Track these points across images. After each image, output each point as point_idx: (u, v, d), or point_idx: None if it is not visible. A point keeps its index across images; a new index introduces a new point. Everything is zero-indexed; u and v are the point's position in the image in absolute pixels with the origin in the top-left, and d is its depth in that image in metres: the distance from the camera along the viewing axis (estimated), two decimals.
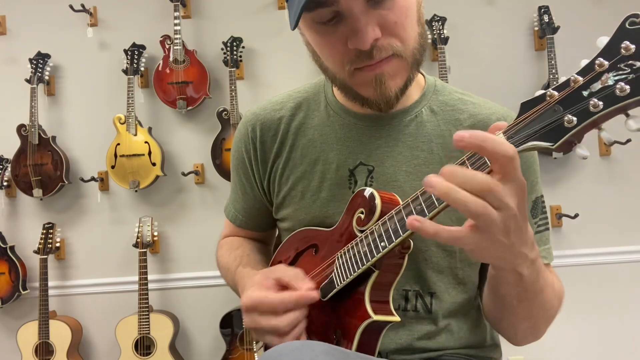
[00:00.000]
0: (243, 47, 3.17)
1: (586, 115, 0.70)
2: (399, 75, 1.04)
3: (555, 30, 3.06)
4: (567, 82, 0.72)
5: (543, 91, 0.75)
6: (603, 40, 0.70)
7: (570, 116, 0.71)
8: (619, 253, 3.12)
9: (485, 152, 0.72)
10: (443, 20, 3.11)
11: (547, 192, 1.18)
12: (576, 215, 3.05)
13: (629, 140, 2.77)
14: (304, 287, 1.03)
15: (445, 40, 3.09)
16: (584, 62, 0.71)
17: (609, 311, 3.10)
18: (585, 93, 0.70)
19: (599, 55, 0.70)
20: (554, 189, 3.11)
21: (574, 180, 3.14)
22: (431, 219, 0.84)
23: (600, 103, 0.68)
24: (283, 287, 1.06)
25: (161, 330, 3.04)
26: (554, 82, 2.96)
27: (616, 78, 0.67)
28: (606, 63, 0.68)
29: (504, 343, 1.25)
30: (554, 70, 3.01)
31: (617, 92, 0.67)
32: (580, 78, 0.70)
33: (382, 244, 0.95)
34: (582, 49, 3.02)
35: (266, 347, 1.23)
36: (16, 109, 3.25)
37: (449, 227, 0.78)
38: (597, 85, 0.69)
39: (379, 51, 0.98)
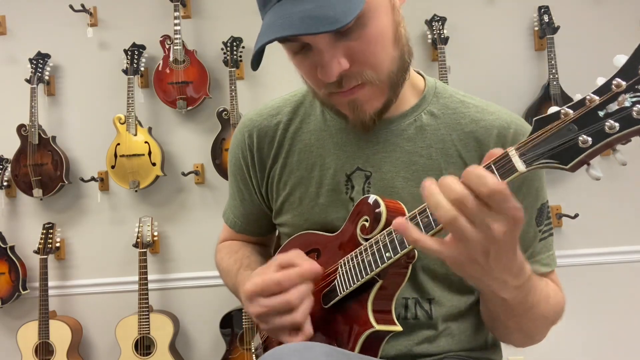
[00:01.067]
0: (243, 47, 3.17)
1: (602, 136, 0.69)
2: (375, 99, 1.03)
3: (555, 30, 3.06)
4: (582, 101, 0.71)
5: (557, 108, 0.73)
6: (621, 60, 0.68)
7: (585, 136, 0.70)
8: (619, 253, 3.12)
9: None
10: (443, 20, 3.11)
11: (548, 192, 1.17)
12: (576, 215, 3.06)
13: (628, 141, 2.76)
14: (307, 263, 1.02)
15: (445, 40, 3.08)
16: (601, 81, 0.70)
17: (609, 311, 3.11)
18: (601, 113, 0.69)
19: (616, 75, 0.68)
20: (554, 189, 3.11)
21: (574, 180, 3.13)
22: (439, 231, 0.84)
23: (617, 125, 0.67)
24: (285, 269, 1.04)
25: (161, 330, 3.03)
26: (554, 82, 2.99)
27: (633, 100, 0.66)
28: (624, 84, 0.67)
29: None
30: (554, 70, 3.01)
31: (634, 114, 0.66)
32: (596, 97, 0.69)
33: (387, 254, 0.95)
34: (582, 49, 3.06)
35: (265, 348, 1.24)
36: (16, 109, 3.24)
37: (432, 237, 0.80)
38: (613, 106, 0.68)
39: (348, 80, 0.97)
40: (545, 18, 3.08)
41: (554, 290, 1.11)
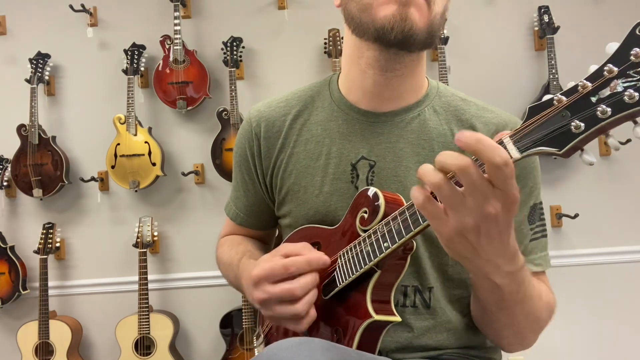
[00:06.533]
0: (243, 47, 3.17)
1: (594, 121, 0.69)
2: (421, 16, 1.03)
3: (555, 30, 3.06)
4: (575, 88, 0.71)
5: (551, 95, 0.74)
6: (612, 47, 0.69)
7: (578, 122, 0.70)
8: (619, 253, 3.12)
9: (477, 154, 0.72)
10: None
11: (547, 192, 1.18)
12: (576, 215, 3.05)
13: (628, 140, 2.76)
14: (315, 252, 1.04)
15: (445, 40, 3.09)
16: (593, 68, 0.70)
17: (609, 311, 3.10)
18: (593, 99, 0.69)
19: (608, 62, 0.69)
20: (554, 189, 3.11)
21: (574, 180, 3.14)
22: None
23: (609, 109, 0.68)
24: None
25: (161, 330, 3.03)
26: (554, 82, 2.99)
27: (625, 85, 0.67)
28: (615, 69, 0.67)
29: None
30: (554, 70, 3.01)
31: (626, 99, 0.66)
32: (588, 84, 0.70)
33: (385, 244, 0.95)
34: (582, 49, 3.06)
35: (267, 343, 1.25)
36: (16, 109, 3.25)
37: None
38: (605, 92, 0.68)
39: None
40: (545, 18, 3.08)
41: (546, 290, 1.11)
